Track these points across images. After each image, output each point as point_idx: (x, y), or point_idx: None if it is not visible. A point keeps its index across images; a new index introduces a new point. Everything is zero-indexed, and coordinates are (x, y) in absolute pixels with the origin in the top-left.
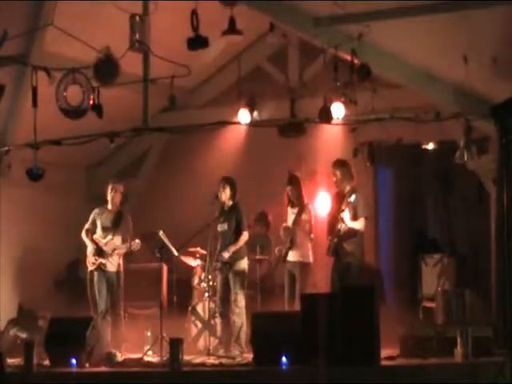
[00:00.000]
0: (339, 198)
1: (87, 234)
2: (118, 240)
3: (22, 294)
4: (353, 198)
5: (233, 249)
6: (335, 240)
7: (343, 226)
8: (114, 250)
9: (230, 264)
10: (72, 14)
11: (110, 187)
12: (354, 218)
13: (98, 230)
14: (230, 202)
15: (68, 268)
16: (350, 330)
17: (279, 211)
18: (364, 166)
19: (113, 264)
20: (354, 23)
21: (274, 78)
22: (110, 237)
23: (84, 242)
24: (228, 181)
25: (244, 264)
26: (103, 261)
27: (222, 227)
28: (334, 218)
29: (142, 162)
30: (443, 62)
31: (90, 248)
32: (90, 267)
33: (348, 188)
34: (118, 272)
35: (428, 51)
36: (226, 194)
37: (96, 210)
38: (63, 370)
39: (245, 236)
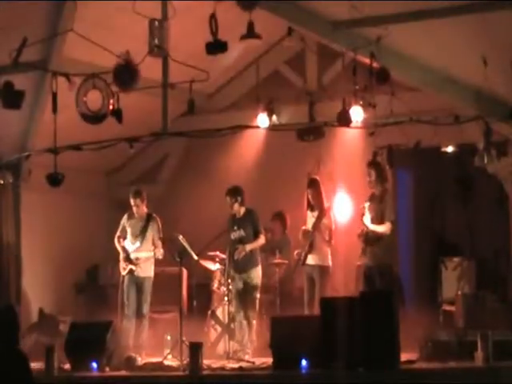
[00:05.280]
0: (373, 200)
1: (119, 241)
2: (146, 246)
3: (42, 298)
4: (367, 204)
5: (249, 247)
6: (362, 243)
7: (366, 229)
8: (138, 259)
9: (243, 271)
10: (91, 19)
11: (132, 201)
12: (381, 221)
13: (128, 236)
14: (242, 210)
15: (88, 273)
16: (369, 334)
17: (298, 214)
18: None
19: (143, 269)
20: (373, 26)
21: (292, 82)
22: (138, 244)
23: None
24: (235, 192)
25: (258, 271)
26: (133, 267)
27: (237, 234)
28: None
29: (162, 167)
30: (462, 65)
31: (122, 254)
32: (122, 272)
33: (380, 190)
34: (148, 277)
35: (447, 54)
36: (236, 205)
37: (125, 217)
38: (84, 374)
39: (262, 239)
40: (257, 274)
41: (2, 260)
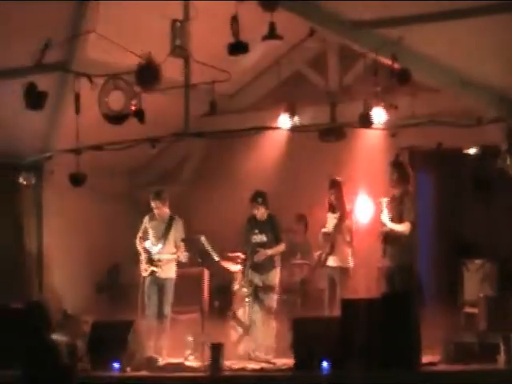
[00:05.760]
0: (393, 200)
1: (140, 242)
2: (168, 248)
3: (64, 298)
4: (384, 200)
5: (270, 252)
6: (382, 243)
7: (385, 228)
8: (160, 260)
9: (262, 272)
10: (113, 20)
11: (152, 203)
12: (400, 221)
13: (150, 238)
14: (265, 214)
15: (109, 273)
16: (390, 335)
17: (318, 215)
18: None
19: (165, 271)
20: (394, 27)
21: (313, 83)
22: (160, 245)
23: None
24: (261, 196)
25: (277, 273)
26: (155, 269)
27: (258, 238)
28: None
29: (183, 167)
30: (484, 66)
31: (143, 256)
32: (143, 274)
33: (400, 190)
34: (169, 278)
35: (469, 55)
36: (260, 210)
37: (147, 218)
38: (105, 374)
39: (282, 246)
40: (275, 276)
41: (25, 260)
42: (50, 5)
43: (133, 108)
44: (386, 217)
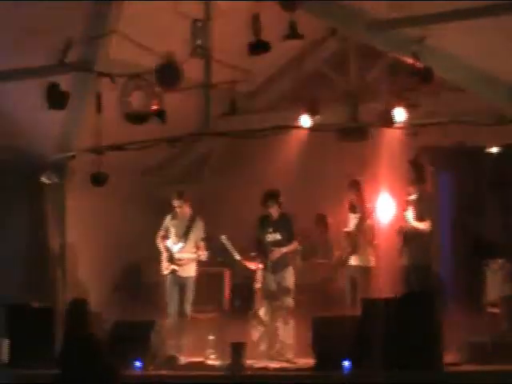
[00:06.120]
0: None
1: (161, 241)
2: (189, 247)
3: (86, 296)
4: (414, 196)
5: (285, 250)
6: (402, 241)
7: (407, 225)
8: (180, 259)
9: (277, 271)
10: (135, 20)
11: (175, 202)
12: (420, 218)
13: (172, 236)
14: (278, 213)
15: (130, 271)
16: (412, 335)
17: (339, 215)
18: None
19: (185, 270)
20: (415, 26)
21: (334, 82)
22: (181, 244)
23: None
24: (272, 195)
25: (291, 272)
26: (175, 267)
27: (272, 237)
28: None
29: (203, 167)
30: (506, 64)
31: (164, 254)
32: (164, 272)
33: (417, 189)
34: (190, 277)
35: (490, 53)
36: (273, 209)
37: (168, 217)
38: (127, 373)
39: (295, 244)
40: (290, 274)
41: (48, 259)
42: (73, 4)
43: (154, 108)
44: (410, 214)
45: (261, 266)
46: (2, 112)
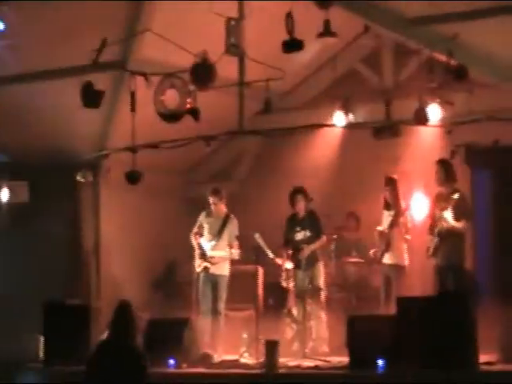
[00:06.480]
0: (440, 198)
1: (195, 238)
2: (222, 245)
3: (121, 295)
4: (457, 195)
5: (314, 247)
6: (436, 240)
7: (444, 225)
8: (212, 257)
9: (308, 268)
10: (168, 19)
11: (210, 199)
12: (457, 218)
13: (205, 234)
14: (305, 211)
15: (165, 270)
16: (446, 334)
17: (373, 213)
18: (460, 168)
19: (218, 268)
20: (449, 23)
21: (368, 80)
22: (214, 242)
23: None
24: (298, 192)
25: (321, 268)
26: (208, 265)
27: (301, 235)
28: (435, 218)
29: (237, 165)
30: None
31: (197, 251)
32: (197, 269)
33: (450, 188)
34: (223, 275)
35: None
36: (300, 205)
37: (203, 214)
38: (161, 371)
39: (324, 239)
40: (320, 271)
41: (83, 257)
42: (107, 4)
43: (188, 106)
44: (449, 214)
45: (292, 264)
46: (40, 111)
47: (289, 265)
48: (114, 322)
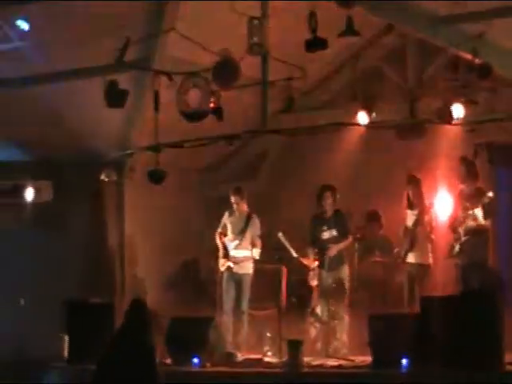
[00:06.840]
0: (462, 196)
1: (220, 237)
2: (245, 244)
3: (144, 293)
4: (491, 193)
5: (340, 246)
6: (463, 239)
7: (472, 223)
8: (235, 257)
9: (334, 268)
10: (191, 18)
11: (232, 199)
12: (486, 216)
13: (229, 234)
14: (332, 210)
15: (188, 269)
16: (471, 334)
17: (395, 212)
18: (483, 166)
19: (242, 267)
20: (474, 22)
21: (391, 79)
22: (237, 241)
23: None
24: (328, 188)
25: (347, 269)
26: (231, 264)
27: (328, 234)
28: (458, 216)
29: (260, 164)
30: None
31: (221, 251)
32: (221, 268)
33: (472, 186)
34: (247, 274)
35: None
36: (329, 202)
37: (226, 214)
38: (185, 369)
39: (350, 239)
40: (346, 271)
41: (108, 255)
42: (130, 4)
43: (211, 105)
44: (480, 212)
45: (317, 263)
46: (65, 111)
47: (313, 264)
48: (125, 317)
